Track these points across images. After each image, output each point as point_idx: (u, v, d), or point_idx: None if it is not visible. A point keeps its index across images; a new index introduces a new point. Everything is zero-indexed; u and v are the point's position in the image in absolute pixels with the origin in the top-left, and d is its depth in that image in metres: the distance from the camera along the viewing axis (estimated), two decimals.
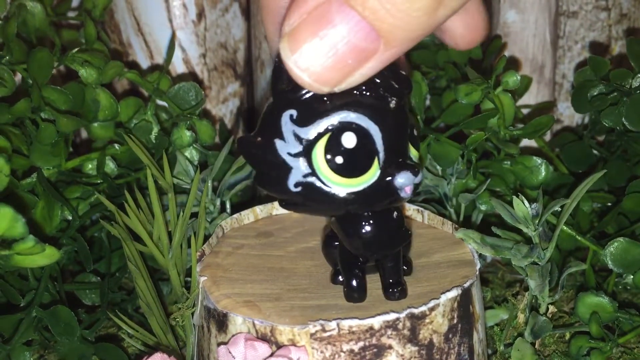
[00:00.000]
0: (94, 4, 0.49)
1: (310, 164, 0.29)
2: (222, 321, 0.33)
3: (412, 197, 0.32)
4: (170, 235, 0.39)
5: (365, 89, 0.30)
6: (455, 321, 0.33)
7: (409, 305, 0.32)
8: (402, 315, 0.31)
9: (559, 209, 0.38)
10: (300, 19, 0.27)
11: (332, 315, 0.32)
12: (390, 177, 0.30)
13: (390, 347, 0.31)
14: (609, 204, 0.46)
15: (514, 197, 0.37)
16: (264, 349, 0.31)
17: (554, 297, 0.38)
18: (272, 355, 0.31)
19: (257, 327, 0.31)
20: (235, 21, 0.53)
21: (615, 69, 0.45)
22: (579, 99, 0.45)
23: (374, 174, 0.30)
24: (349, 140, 0.29)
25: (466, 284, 0.33)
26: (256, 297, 0.34)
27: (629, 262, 0.39)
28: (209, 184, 0.43)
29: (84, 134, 0.54)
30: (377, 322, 0.31)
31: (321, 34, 0.27)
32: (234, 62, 0.54)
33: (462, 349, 0.33)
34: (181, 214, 0.38)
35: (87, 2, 0.49)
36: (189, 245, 0.39)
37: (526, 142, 0.50)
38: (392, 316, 0.31)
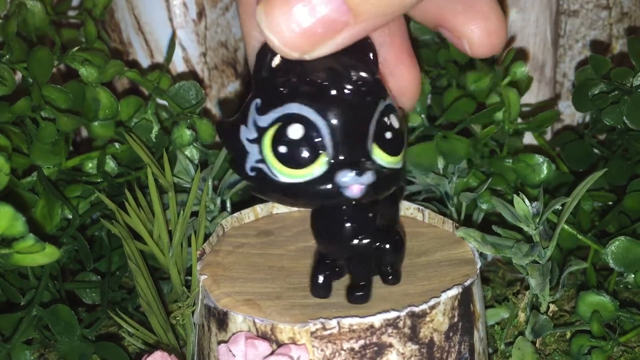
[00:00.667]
0: (94, 3, 0.49)
1: (261, 151, 0.31)
2: (222, 320, 0.33)
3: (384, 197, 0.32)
4: (170, 234, 0.39)
5: (326, 82, 0.30)
6: (455, 320, 0.33)
7: (410, 303, 0.32)
8: (403, 313, 0.31)
9: (560, 208, 0.38)
10: None
11: (333, 313, 0.32)
12: (334, 174, 0.30)
13: (390, 345, 0.31)
14: (610, 203, 0.46)
15: (515, 195, 0.36)
16: (264, 347, 0.31)
17: (554, 296, 0.38)
18: (272, 353, 0.31)
19: (258, 325, 0.31)
20: (235, 20, 0.53)
21: (616, 67, 0.45)
22: (580, 98, 0.45)
23: (318, 168, 0.30)
24: (295, 131, 0.30)
25: (467, 283, 0.33)
26: (257, 295, 0.33)
27: (630, 261, 0.39)
28: (210, 182, 0.43)
29: (84, 133, 0.54)
30: (377, 320, 0.31)
31: (294, 1, 0.28)
32: (234, 61, 0.54)
33: (462, 347, 0.33)
34: (181, 213, 0.38)
35: (87, 1, 0.49)
36: (190, 244, 0.39)
37: (527, 141, 0.50)
38: (392, 314, 0.31)
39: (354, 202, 0.31)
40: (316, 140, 0.30)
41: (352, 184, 0.30)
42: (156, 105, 0.47)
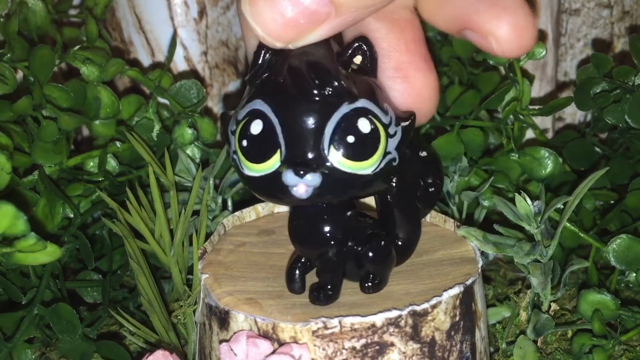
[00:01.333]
0: (95, 1, 0.49)
1: (234, 142, 0.31)
2: (223, 319, 0.33)
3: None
4: (172, 233, 0.39)
5: (284, 81, 0.30)
6: (457, 319, 0.33)
7: (411, 302, 0.32)
8: (404, 312, 0.31)
9: (562, 207, 0.38)
10: None
11: (334, 312, 0.32)
12: (282, 172, 0.30)
13: (392, 344, 0.31)
14: (612, 202, 0.46)
15: (516, 194, 0.36)
16: (265, 346, 0.31)
17: (556, 295, 0.38)
18: (274, 352, 0.31)
19: (259, 324, 0.31)
20: (236, 19, 0.53)
21: (617, 66, 0.45)
22: (581, 97, 0.45)
23: (272, 165, 0.30)
24: (256, 127, 0.30)
25: (468, 282, 0.33)
26: (258, 294, 0.33)
27: (631, 260, 0.39)
28: (211, 181, 0.43)
29: (85, 132, 0.54)
30: (379, 319, 0.31)
31: None
32: (235, 59, 0.54)
33: (464, 346, 0.33)
34: (183, 212, 0.38)
35: (88, 0, 0.49)
36: (191, 243, 0.39)
37: (529, 140, 0.50)
38: (394, 313, 0.31)
39: (307, 203, 0.31)
40: (272, 137, 0.30)
41: (297, 184, 0.30)
42: (157, 104, 0.47)
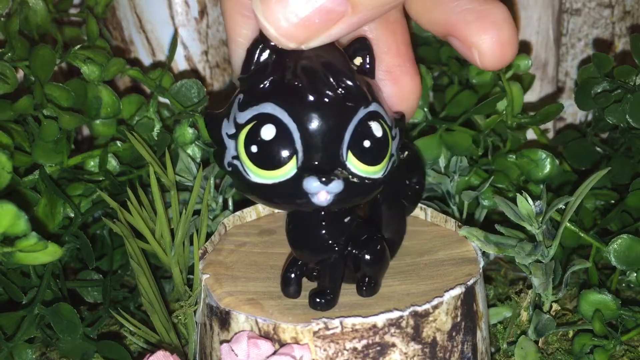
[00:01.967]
0: (95, 1, 0.49)
1: (236, 147, 0.30)
2: (224, 319, 0.33)
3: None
4: (172, 232, 0.39)
5: (302, 84, 0.29)
6: (458, 319, 0.32)
7: (413, 303, 0.31)
8: (406, 313, 0.31)
9: (563, 207, 0.38)
10: None
11: (335, 313, 0.32)
12: (302, 180, 0.29)
13: (393, 345, 0.31)
14: (613, 202, 0.46)
15: (518, 194, 0.36)
16: (266, 347, 0.31)
17: (557, 295, 0.38)
18: (275, 353, 0.31)
19: (260, 325, 0.31)
20: None
21: (618, 66, 0.45)
22: (582, 96, 0.45)
23: (288, 171, 0.29)
24: (268, 132, 0.29)
25: (470, 282, 0.33)
26: (259, 295, 0.33)
27: (632, 260, 0.39)
28: (212, 181, 0.43)
29: (86, 131, 0.54)
30: (380, 320, 0.31)
31: None
32: None
33: (465, 347, 0.33)
34: (183, 212, 0.38)
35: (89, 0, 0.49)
36: (192, 242, 0.39)
37: (529, 139, 0.50)
38: (395, 314, 0.31)
39: (323, 210, 0.30)
40: (287, 143, 0.29)
41: (318, 191, 0.29)
42: (158, 103, 0.47)
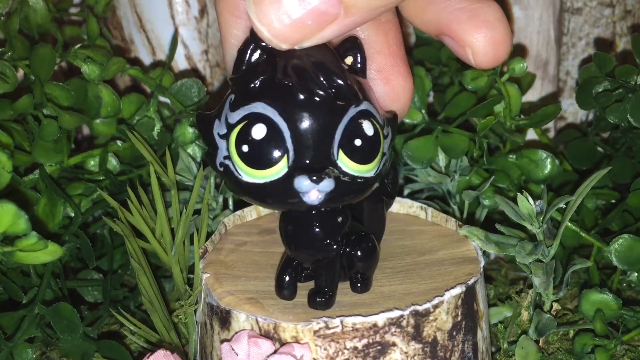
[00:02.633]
0: (96, 0, 0.49)
1: (227, 147, 0.30)
2: (225, 318, 0.33)
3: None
4: (173, 232, 0.39)
5: (292, 83, 0.29)
6: (459, 318, 0.32)
7: (413, 302, 0.31)
8: (406, 312, 0.31)
9: (563, 206, 0.38)
10: None
11: (336, 312, 0.32)
12: (293, 179, 0.29)
13: (394, 344, 0.31)
14: (614, 201, 0.46)
15: (519, 194, 0.36)
16: (267, 346, 0.31)
17: (558, 295, 0.38)
18: (275, 352, 0.31)
19: (261, 324, 0.31)
20: None
21: (619, 65, 0.45)
22: (583, 96, 0.45)
23: (279, 170, 0.29)
24: (259, 131, 0.29)
25: (470, 281, 0.33)
26: (259, 294, 0.33)
27: (633, 259, 0.39)
28: (212, 180, 0.43)
29: (86, 131, 0.53)
30: (380, 319, 0.31)
31: None
32: None
33: (466, 346, 0.33)
34: (184, 211, 0.38)
35: None
36: (192, 242, 0.39)
37: (530, 138, 0.50)
38: (396, 313, 0.31)
39: (314, 209, 0.30)
40: (278, 142, 0.29)
41: (310, 190, 0.29)
42: (158, 102, 0.47)
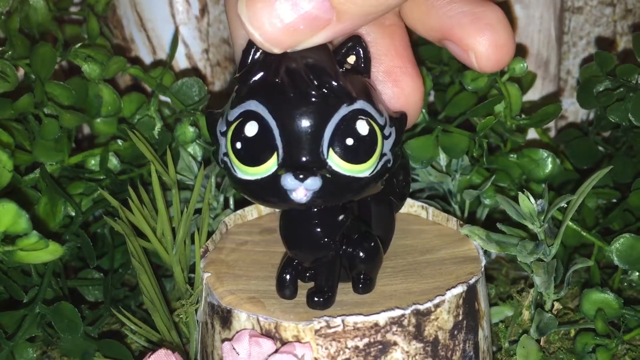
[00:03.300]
0: None
1: (226, 144, 0.31)
2: (226, 317, 0.33)
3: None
4: (174, 231, 0.39)
5: (282, 81, 0.29)
6: (460, 318, 0.32)
7: (415, 301, 0.31)
8: (408, 311, 0.31)
9: (565, 205, 0.38)
10: None
11: (337, 311, 0.32)
12: (279, 176, 0.29)
13: (395, 343, 0.31)
14: (615, 200, 0.46)
15: (520, 193, 0.36)
16: (268, 345, 0.31)
17: (559, 294, 0.38)
18: (276, 351, 0.31)
19: (262, 323, 0.31)
20: None
21: (620, 64, 0.45)
22: (584, 95, 0.45)
23: (269, 168, 0.30)
24: (251, 129, 0.30)
25: (471, 281, 0.33)
26: (260, 293, 0.33)
27: (634, 259, 0.39)
28: (213, 180, 0.43)
29: (87, 130, 0.53)
30: (382, 318, 0.31)
31: None
32: None
33: (467, 345, 0.33)
34: (185, 210, 0.38)
35: None
36: (193, 241, 0.39)
37: (531, 138, 0.50)
38: (397, 312, 0.31)
39: (304, 208, 0.30)
40: (268, 140, 0.29)
41: (296, 188, 0.29)
42: (159, 102, 0.47)
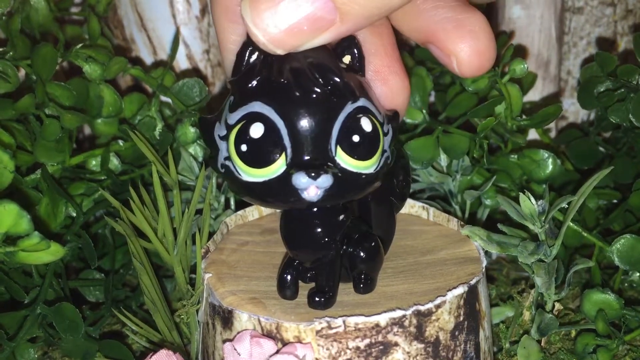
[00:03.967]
0: None
1: (227, 148, 0.30)
2: (227, 318, 0.33)
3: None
4: (175, 231, 0.39)
5: (288, 81, 0.29)
6: (461, 318, 0.32)
7: (416, 302, 0.31)
8: (409, 312, 0.31)
9: (565, 206, 0.38)
10: None
11: (338, 312, 0.32)
12: (291, 176, 0.29)
13: (396, 344, 0.31)
14: (615, 201, 0.46)
15: (521, 193, 0.36)
16: (269, 346, 0.31)
17: (560, 295, 0.38)
18: (277, 352, 0.31)
19: (263, 324, 0.31)
20: None
21: (620, 65, 0.45)
22: (585, 95, 0.45)
23: (278, 168, 0.30)
24: (257, 130, 0.29)
25: (472, 281, 0.33)
26: (261, 294, 0.33)
27: (635, 259, 0.39)
28: (214, 180, 0.43)
29: (88, 130, 0.53)
30: (383, 319, 0.31)
31: None
32: None
33: (468, 346, 0.33)
34: (186, 211, 0.38)
35: None
36: (194, 242, 0.39)
37: (532, 138, 0.50)
38: (398, 313, 0.31)
39: (314, 206, 0.30)
40: (276, 140, 0.29)
41: (308, 186, 0.29)
42: (160, 102, 0.47)
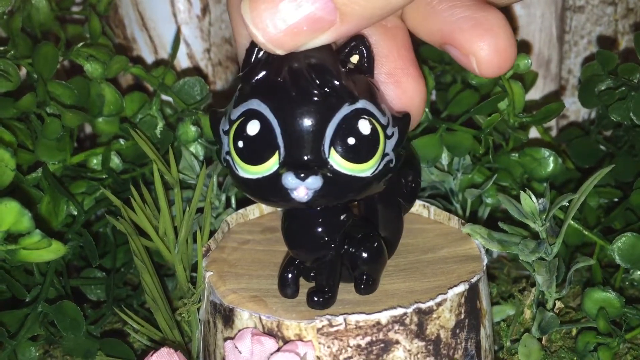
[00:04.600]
0: None
1: (228, 142, 0.31)
2: (228, 316, 0.33)
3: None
4: (176, 230, 0.39)
5: (284, 80, 0.29)
6: (462, 316, 0.32)
7: (416, 300, 0.31)
8: (410, 310, 0.31)
9: (566, 204, 0.38)
10: None
11: (339, 310, 0.32)
12: (280, 175, 0.29)
13: (397, 342, 0.31)
14: (616, 199, 0.46)
15: (522, 192, 0.36)
16: (270, 344, 0.31)
17: (561, 293, 0.38)
18: (278, 350, 0.31)
19: (264, 322, 0.31)
20: None
21: (621, 63, 0.45)
22: (586, 94, 0.45)
23: (270, 167, 0.30)
24: (253, 127, 0.30)
25: (473, 279, 0.33)
26: (262, 292, 0.33)
27: (636, 258, 0.39)
28: (215, 179, 0.43)
29: (89, 129, 0.54)
30: (384, 317, 0.31)
31: None
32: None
33: (469, 344, 0.33)
34: (187, 209, 0.38)
35: None
36: (195, 240, 0.39)
37: (533, 137, 0.50)
38: (399, 311, 0.31)
39: (305, 207, 0.30)
40: (270, 138, 0.29)
41: (297, 187, 0.29)
42: (161, 101, 0.47)
